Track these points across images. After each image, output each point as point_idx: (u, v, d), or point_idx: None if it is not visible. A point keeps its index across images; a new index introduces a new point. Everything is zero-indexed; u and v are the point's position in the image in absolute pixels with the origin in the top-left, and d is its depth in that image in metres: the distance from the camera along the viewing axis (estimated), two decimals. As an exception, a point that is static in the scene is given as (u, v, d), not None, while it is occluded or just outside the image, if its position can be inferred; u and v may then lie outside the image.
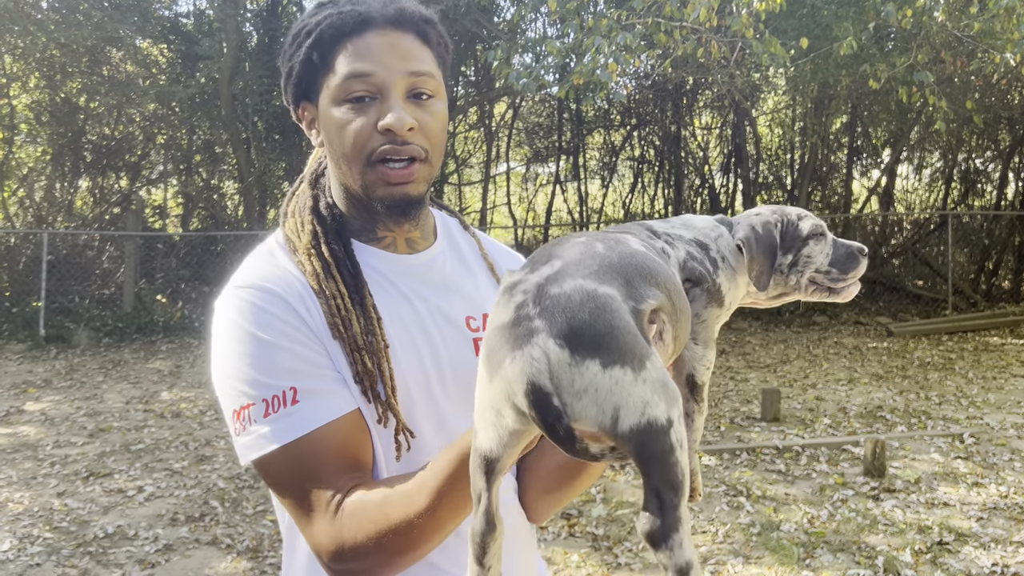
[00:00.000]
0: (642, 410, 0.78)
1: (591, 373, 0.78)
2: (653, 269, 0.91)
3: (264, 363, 1.08)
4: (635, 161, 15.36)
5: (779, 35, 7.76)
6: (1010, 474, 5.38)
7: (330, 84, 1.15)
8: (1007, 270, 14.23)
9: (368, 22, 1.15)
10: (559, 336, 0.80)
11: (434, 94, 1.18)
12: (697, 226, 1.11)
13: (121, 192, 13.12)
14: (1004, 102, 13.12)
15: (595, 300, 0.82)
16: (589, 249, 0.89)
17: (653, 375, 0.80)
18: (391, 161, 1.15)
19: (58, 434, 6.37)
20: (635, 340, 0.81)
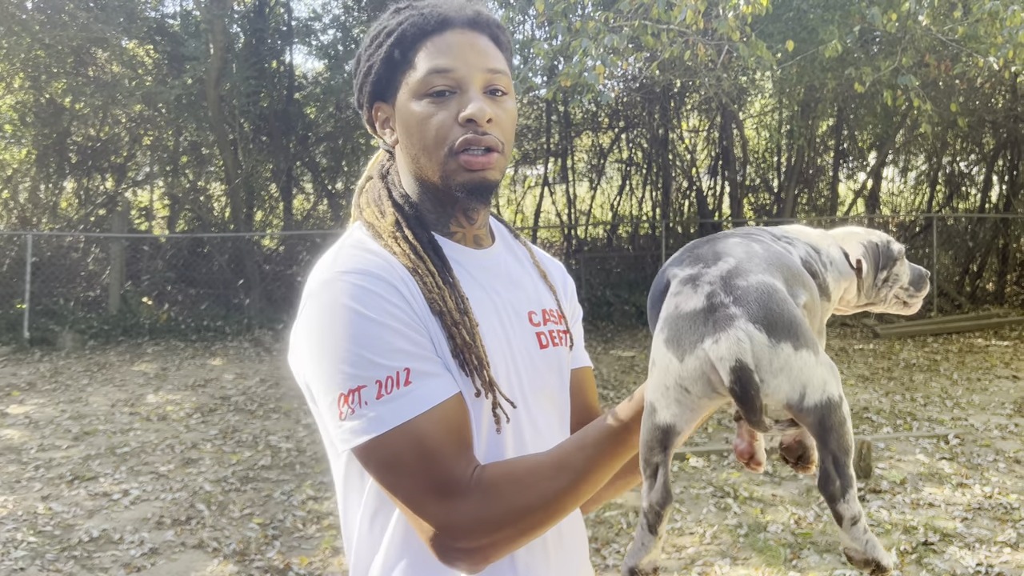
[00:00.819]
0: (823, 388, 0.93)
1: (786, 355, 0.92)
2: (798, 269, 1.05)
3: (376, 344, 1.10)
4: (623, 163, 15.40)
5: (765, 38, 7.81)
6: (994, 475, 5.43)
7: (410, 80, 1.21)
8: (991, 272, 14.35)
9: (448, 22, 1.22)
10: (757, 321, 0.92)
11: (507, 91, 1.25)
12: (809, 233, 1.21)
13: (107, 193, 13.04)
14: (988, 106, 13.24)
15: (778, 293, 0.96)
16: (750, 249, 1.02)
17: (824, 358, 0.95)
18: (471, 149, 1.20)
19: (42, 437, 6.32)
20: (810, 329, 0.95)
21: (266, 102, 12.64)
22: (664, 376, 0.95)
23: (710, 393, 0.93)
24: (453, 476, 1.08)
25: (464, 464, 1.09)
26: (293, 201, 13.70)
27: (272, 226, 13.53)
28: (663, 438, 0.96)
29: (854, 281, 1.21)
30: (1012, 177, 14.55)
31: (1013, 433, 6.39)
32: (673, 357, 0.94)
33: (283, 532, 4.59)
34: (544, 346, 1.30)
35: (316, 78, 13.71)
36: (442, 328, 1.16)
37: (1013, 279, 14.38)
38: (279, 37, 12.90)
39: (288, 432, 6.52)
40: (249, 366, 9.01)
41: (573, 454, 1.10)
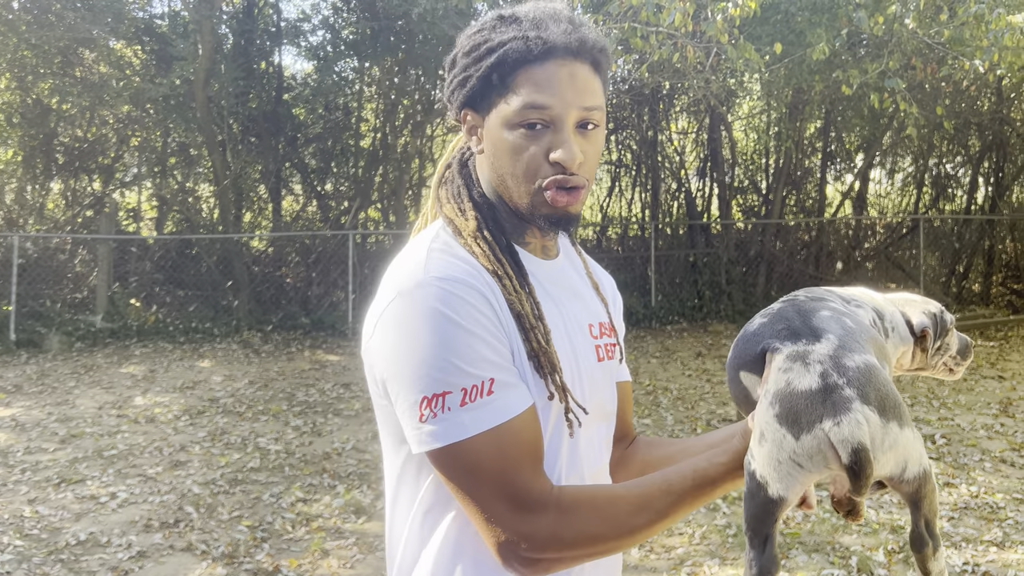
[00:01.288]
0: (920, 461, 1.03)
1: (894, 434, 1.01)
2: (883, 343, 1.14)
3: (465, 352, 1.11)
4: (612, 165, 15.42)
5: (754, 41, 7.84)
6: (980, 474, 5.47)
7: (506, 107, 1.21)
8: (977, 273, 14.46)
9: (551, 51, 1.20)
10: (870, 403, 1.00)
11: (599, 124, 1.25)
12: (875, 298, 1.26)
13: (94, 195, 12.97)
14: (974, 108, 13.35)
15: (881, 373, 1.04)
16: (844, 324, 1.09)
17: (917, 433, 1.03)
18: (560, 189, 1.22)
19: (29, 440, 6.28)
20: (905, 405, 1.03)
21: (255, 103, 12.60)
22: (778, 452, 1.00)
23: (823, 469, 1.00)
24: (531, 489, 1.12)
25: (543, 478, 1.14)
26: (282, 202, 13.66)
27: (261, 227, 13.48)
28: (773, 510, 1.02)
29: (911, 348, 1.26)
30: (998, 179, 14.67)
31: (999, 433, 6.44)
32: (788, 434, 0.99)
33: (272, 535, 4.58)
34: (600, 359, 1.33)
35: (305, 79, 13.67)
36: (520, 331, 1.18)
37: (999, 280, 14.50)
38: (268, 38, 12.86)
39: (277, 434, 6.50)
40: (238, 368, 8.98)
41: (657, 497, 1.14)
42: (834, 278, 13.78)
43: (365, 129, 13.89)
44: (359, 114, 13.65)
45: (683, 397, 7.73)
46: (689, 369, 9.06)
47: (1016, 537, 4.45)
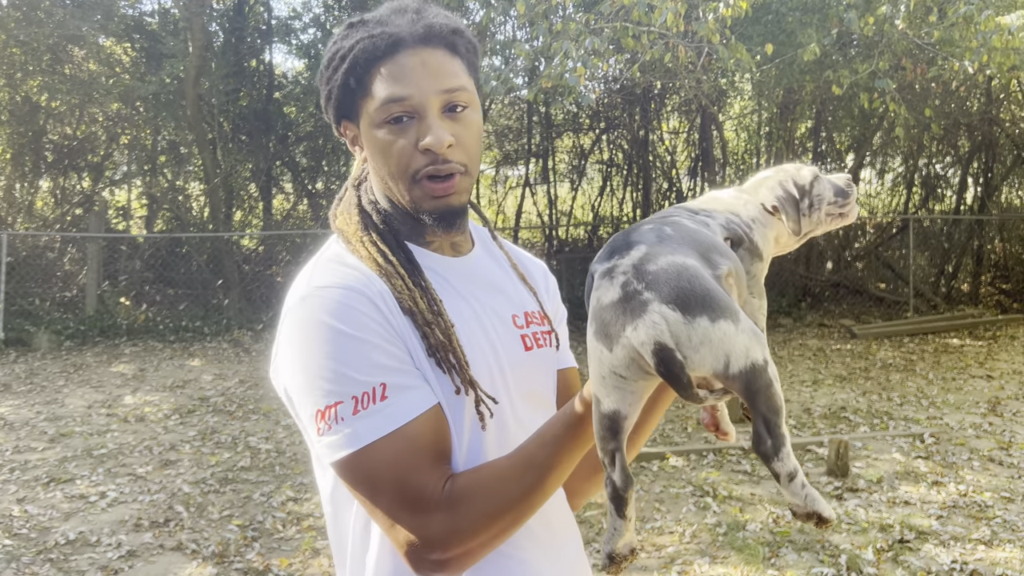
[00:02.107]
0: (746, 354, 0.97)
1: (703, 328, 0.96)
2: (714, 241, 1.09)
3: (352, 360, 1.11)
4: (604, 164, 15.44)
5: (745, 41, 7.86)
6: (969, 473, 5.50)
7: (369, 108, 1.21)
8: (966, 273, 14.54)
9: (399, 43, 1.20)
10: (670, 302, 0.97)
11: (468, 104, 1.23)
12: (724, 199, 1.25)
13: (83, 193, 12.90)
14: (963, 109, 13.41)
15: (688, 269, 1.00)
16: (662, 232, 1.06)
17: (746, 324, 0.98)
18: (434, 177, 1.21)
19: (17, 439, 6.25)
20: (727, 298, 0.99)
21: (245, 101, 12.57)
22: (599, 367, 0.99)
23: (643, 376, 0.98)
24: (426, 490, 1.10)
25: (437, 476, 1.11)
26: (273, 201, 13.62)
27: (251, 226, 13.44)
28: (611, 425, 1.01)
29: (780, 225, 1.25)
30: (987, 179, 14.75)
31: (987, 432, 6.48)
32: (603, 348, 0.98)
33: (263, 534, 4.57)
34: (529, 348, 1.32)
35: (296, 77, 13.64)
36: (414, 328, 1.17)
37: (988, 280, 14.58)
38: (258, 36, 12.83)
39: (268, 433, 6.48)
40: (228, 367, 8.95)
41: (535, 452, 1.13)
42: (824, 278, 13.84)
43: (356, 128, 13.86)
44: (350, 113, 13.61)
45: (674, 396, 7.75)
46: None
47: (1004, 535, 4.48)
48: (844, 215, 1.32)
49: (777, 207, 1.26)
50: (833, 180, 1.33)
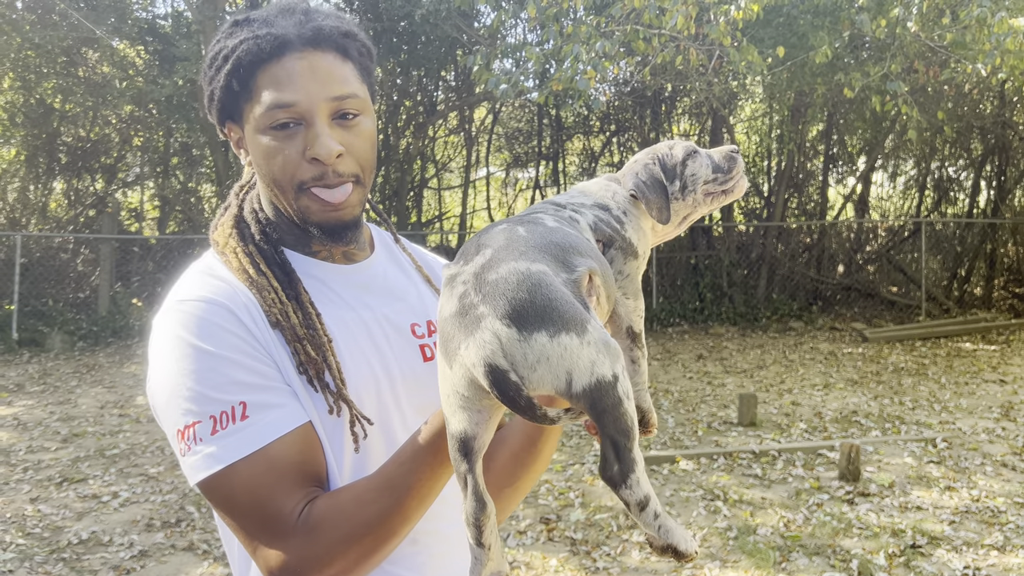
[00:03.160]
0: (591, 370, 0.87)
1: (540, 344, 0.87)
2: (574, 241, 1.00)
3: (210, 377, 1.05)
4: (614, 167, 15.43)
5: (756, 43, 7.85)
6: (981, 478, 5.47)
7: (254, 112, 1.14)
8: (979, 277, 14.45)
9: (285, 45, 1.13)
10: (504, 317, 0.88)
11: (360, 111, 1.16)
12: (592, 191, 1.17)
13: (96, 194, 12.99)
14: (976, 112, 13.34)
15: (530, 278, 0.90)
16: (513, 233, 0.98)
17: (595, 336, 0.88)
18: (321, 188, 1.14)
19: (31, 439, 6.29)
20: (573, 308, 0.89)
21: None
22: (444, 385, 0.93)
23: (486, 395, 0.89)
24: (282, 515, 1.03)
25: (297, 500, 1.05)
26: (284, 203, 13.66)
27: (263, 228, 13.48)
28: (461, 447, 0.92)
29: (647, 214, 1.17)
30: (1000, 182, 14.67)
31: (1000, 437, 6.44)
32: (445, 365, 0.92)
33: (273, 534, 4.58)
34: (429, 359, 1.24)
35: (308, 80, 13.68)
36: (284, 344, 1.11)
37: (1001, 284, 14.49)
38: (271, 39, 12.87)
39: (278, 434, 6.51)
40: (239, 368, 8.99)
41: (393, 472, 1.05)
42: (835, 281, 13.78)
43: (367, 130, 13.91)
44: (361, 115, 13.66)
45: (684, 399, 7.74)
46: (690, 371, 9.06)
47: (1017, 541, 4.45)
48: (728, 191, 1.21)
49: (636, 195, 1.17)
50: (712, 154, 1.22)
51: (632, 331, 1.11)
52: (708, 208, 1.22)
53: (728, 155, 1.22)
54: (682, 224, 1.23)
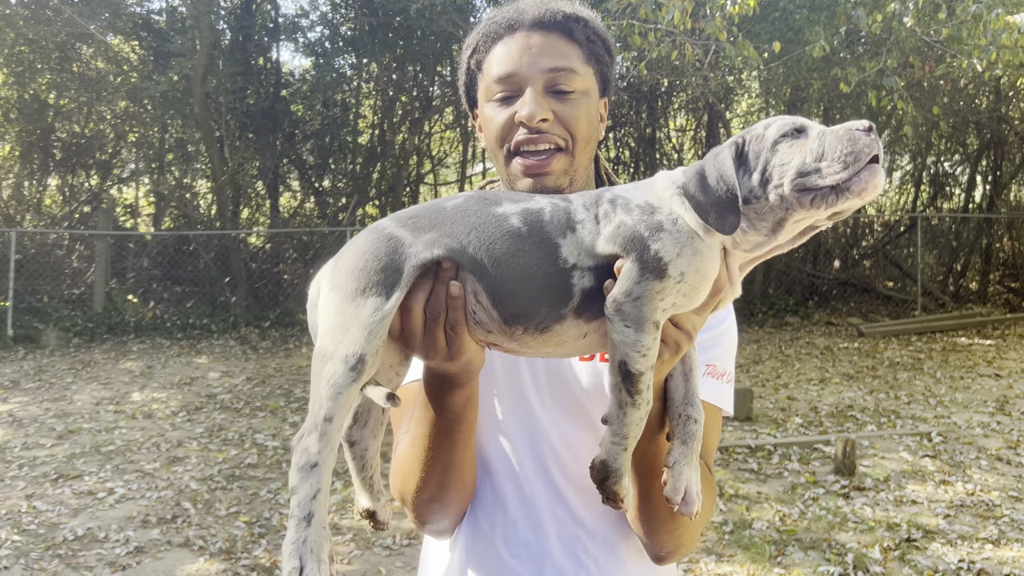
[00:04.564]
0: (321, 336, 0.97)
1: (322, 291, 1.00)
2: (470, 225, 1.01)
3: None
4: (610, 162, 15.42)
5: (752, 38, 7.84)
6: (976, 472, 5.48)
7: (483, 85, 1.26)
8: (974, 272, 14.48)
9: (515, 25, 1.23)
10: (337, 255, 1.00)
11: (576, 89, 1.22)
12: (657, 184, 1.02)
13: (91, 190, 12.95)
14: (971, 107, 13.35)
15: (369, 233, 1.00)
16: (438, 201, 1.05)
17: (355, 312, 0.96)
18: (528, 153, 1.21)
19: (26, 436, 6.28)
20: (367, 277, 0.97)
21: (252, 99, 12.58)
22: None
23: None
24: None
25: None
26: (280, 199, 13.65)
27: (259, 224, 13.47)
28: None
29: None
30: (995, 177, 14.68)
31: (995, 431, 6.46)
32: None
33: (269, 530, 4.58)
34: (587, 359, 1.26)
35: (303, 75, 13.66)
36: None
37: (996, 278, 14.52)
38: (266, 34, 12.84)
39: (274, 430, 6.50)
40: (235, 364, 8.98)
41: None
42: (831, 276, 13.79)
43: (363, 126, 13.88)
44: (357, 111, 13.64)
45: (680, 394, 7.74)
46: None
47: (1012, 535, 4.46)
48: (842, 190, 0.88)
49: (682, 194, 0.97)
50: (828, 133, 0.91)
51: (626, 368, 0.96)
52: (817, 212, 0.91)
53: (849, 135, 0.89)
54: (779, 231, 0.94)
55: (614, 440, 0.98)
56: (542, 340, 1.02)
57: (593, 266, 0.99)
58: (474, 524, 1.30)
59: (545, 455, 1.26)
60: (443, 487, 1.20)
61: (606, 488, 1.00)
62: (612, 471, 0.98)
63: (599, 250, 0.98)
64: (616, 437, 0.98)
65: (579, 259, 0.99)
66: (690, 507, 1.03)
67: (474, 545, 1.29)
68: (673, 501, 1.03)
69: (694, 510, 1.03)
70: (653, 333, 0.95)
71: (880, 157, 0.89)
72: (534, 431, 1.26)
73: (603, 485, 1.00)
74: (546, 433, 1.26)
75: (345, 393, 0.94)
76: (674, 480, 1.03)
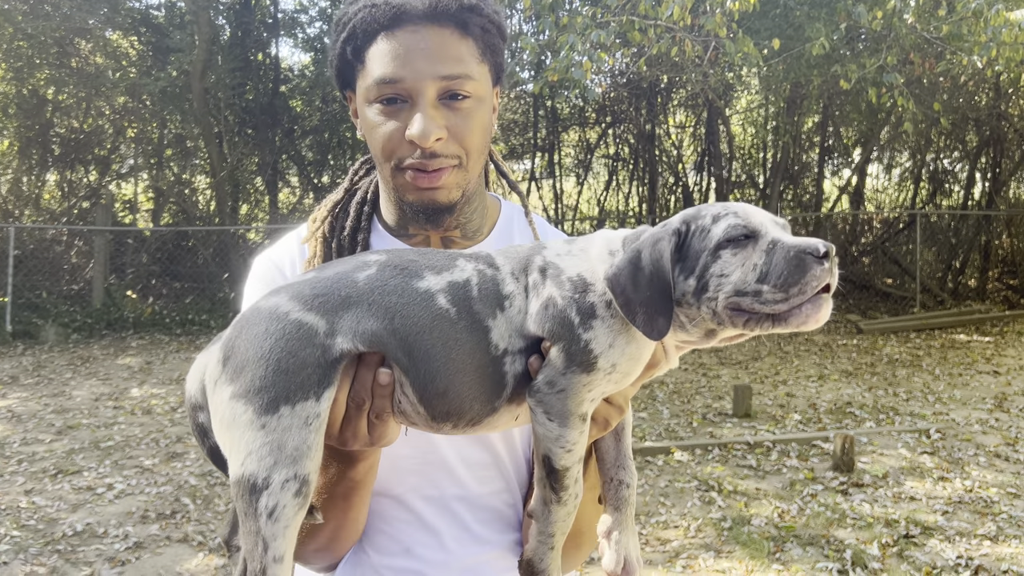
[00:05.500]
0: (242, 460, 0.79)
1: (220, 399, 0.80)
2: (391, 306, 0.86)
3: None
4: (610, 159, 15.42)
5: (752, 35, 7.83)
6: (975, 469, 5.49)
7: (363, 82, 1.13)
8: (973, 269, 14.48)
9: (401, 17, 1.09)
10: (223, 348, 0.81)
11: (471, 94, 1.11)
12: (592, 252, 0.92)
13: (90, 186, 12.94)
14: (971, 103, 13.35)
15: (269, 320, 0.82)
16: (345, 271, 0.89)
17: (282, 424, 0.79)
18: (420, 170, 1.11)
19: (25, 431, 6.28)
20: (286, 379, 0.80)
21: (251, 95, 12.57)
22: None
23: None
24: None
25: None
26: (279, 195, 13.64)
27: (258, 220, 13.46)
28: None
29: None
30: (995, 174, 14.69)
31: (994, 428, 6.47)
32: None
33: (269, 526, 4.58)
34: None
35: (302, 71, 13.64)
36: None
37: (995, 275, 14.53)
38: (265, 29, 12.83)
39: (274, 426, 6.50)
40: (234, 360, 8.97)
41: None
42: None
43: (362, 121, 13.87)
44: (356, 106, 13.62)
45: (679, 391, 7.75)
46: (685, 363, 9.07)
47: (1010, 531, 4.47)
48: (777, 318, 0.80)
49: (609, 286, 0.86)
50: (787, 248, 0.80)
51: (550, 463, 0.89)
52: (744, 331, 0.84)
53: (799, 260, 0.79)
54: (712, 338, 0.88)
55: (540, 539, 0.93)
56: (471, 431, 0.95)
57: (523, 347, 0.92)
58: (360, 556, 1.21)
59: (440, 478, 1.19)
60: (334, 540, 1.15)
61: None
62: (539, 571, 0.93)
63: (529, 329, 0.91)
64: (542, 536, 0.93)
65: (509, 343, 0.91)
66: (632, 574, 1.01)
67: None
68: (614, 574, 1.00)
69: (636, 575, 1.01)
70: (579, 427, 0.88)
71: (833, 286, 0.81)
72: (428, 453, 1.18)
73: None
74: (441, 454, 1.18)
75: (292, 525, 0.82)
76: (614, 551, 0.99)
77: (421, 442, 1.18)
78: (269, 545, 0.79)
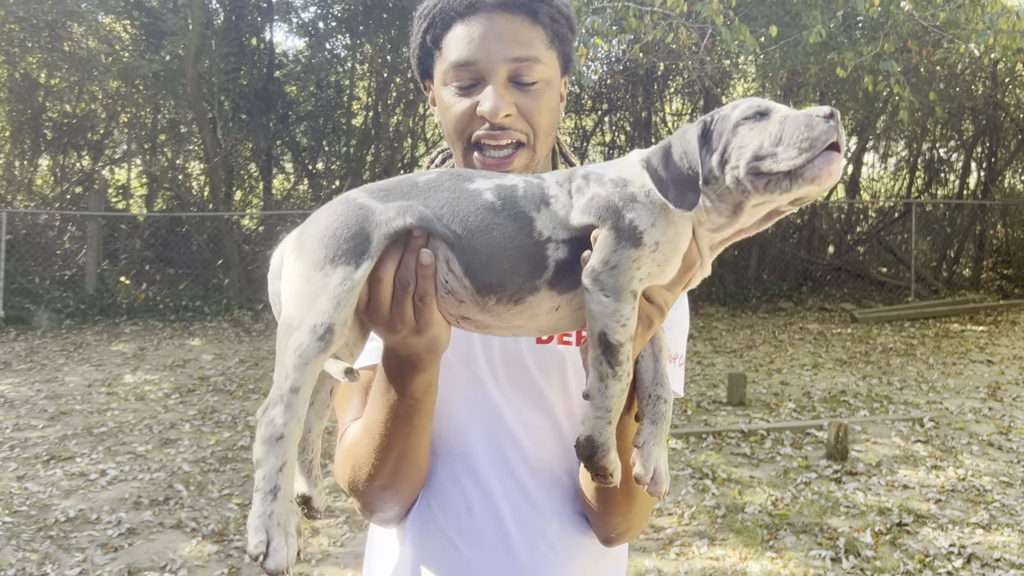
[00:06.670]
0: (287, 305, 0.97)
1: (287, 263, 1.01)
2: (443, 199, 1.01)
3: None
4: (606, 146, 15.37)
5: (749, 22, 7.79)
6: (968, 457, 5.51)
7: (440, 67, 1.22)
8: (968, 258, 14.51)
9: (476, 5, 1.18)
10: (302, 225, 1.01)
11: (539, 79, 1.19)
12: (628, 160, 1.03)
13: (83, 171, 12.85)
14: (968, 92, 13.33)
15: (339, 203, 1.00)
16: (410, 176, 1.05)
17: (323, 281, 0.95)
18: (489, 148, 1.19)
19: (18, 417, 6.26)
20: (335, 245, 0.96)
21: (246, 80, 12.49)
22: None
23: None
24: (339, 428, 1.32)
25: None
26: (273, 180, 13.57)
27: (252, 206, 13.40)
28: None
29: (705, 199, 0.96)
30: (990, 164, 14.69)
31: (987, 416, 6.49)
32: None
33: (262, 513, 4.57)
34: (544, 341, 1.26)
35: (297, 56, 13.55)
36: None
37: (989, 265, 14.56)
38: (259, 14, 12.73)
39: (267, 413, 6.49)
40: (228, 346, 8.95)
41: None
42: (825, 262, 13.81)
43: (357, 107, 13.79)
44: (351, 92, 13.55)
45: (674, 379, 7.75)
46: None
47: (1003, 520, 4.49)
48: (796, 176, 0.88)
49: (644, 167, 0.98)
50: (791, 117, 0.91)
51: (606, 339, 0.95)
52: (773, 197, 0.91)
53: (808, 120, 0.89)
54: (740, 214, 0.95)
55: (597, 415, 0.98)
56: (515, 312, 1.01)
57: (567, 238, 0.99)
58: (426, 512, 1.27)
59: (502, 440, 1.24)
60: (397, 475, 1.18)
61: (594, 464, 0.99)
62: (598, 446, 0.98)
63: (573, 222, 0.99)
64: (599, 411, 0.98)
65: (553, 232, 1.00)
66: (659, 487, 1.04)
67: (424, 536, 1.26)
68: (643, 481, 1.03)
69: (663, 490, 1.04)
70: (631, 303, 0.95)
71: (841, 144, 0.88)
72: (490, 415, 1.24)
73: (590, 461, 1.00)
74: (503, 417, 1.24)
75: (312, 363, 0.94)
76: (644, 460, 1.04)
77: (481, 402, 1.24)
78: (290, 375, 0.92)
